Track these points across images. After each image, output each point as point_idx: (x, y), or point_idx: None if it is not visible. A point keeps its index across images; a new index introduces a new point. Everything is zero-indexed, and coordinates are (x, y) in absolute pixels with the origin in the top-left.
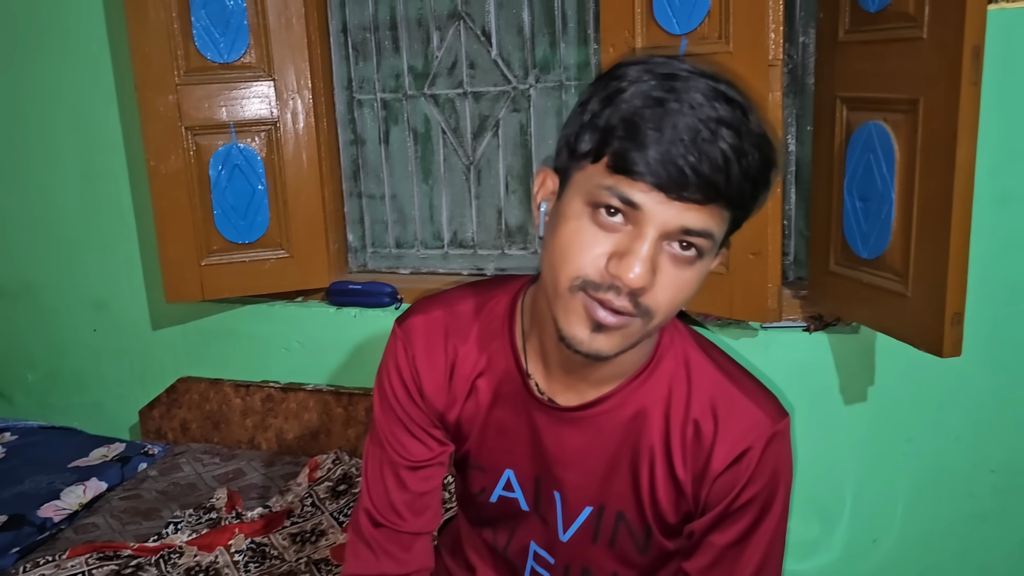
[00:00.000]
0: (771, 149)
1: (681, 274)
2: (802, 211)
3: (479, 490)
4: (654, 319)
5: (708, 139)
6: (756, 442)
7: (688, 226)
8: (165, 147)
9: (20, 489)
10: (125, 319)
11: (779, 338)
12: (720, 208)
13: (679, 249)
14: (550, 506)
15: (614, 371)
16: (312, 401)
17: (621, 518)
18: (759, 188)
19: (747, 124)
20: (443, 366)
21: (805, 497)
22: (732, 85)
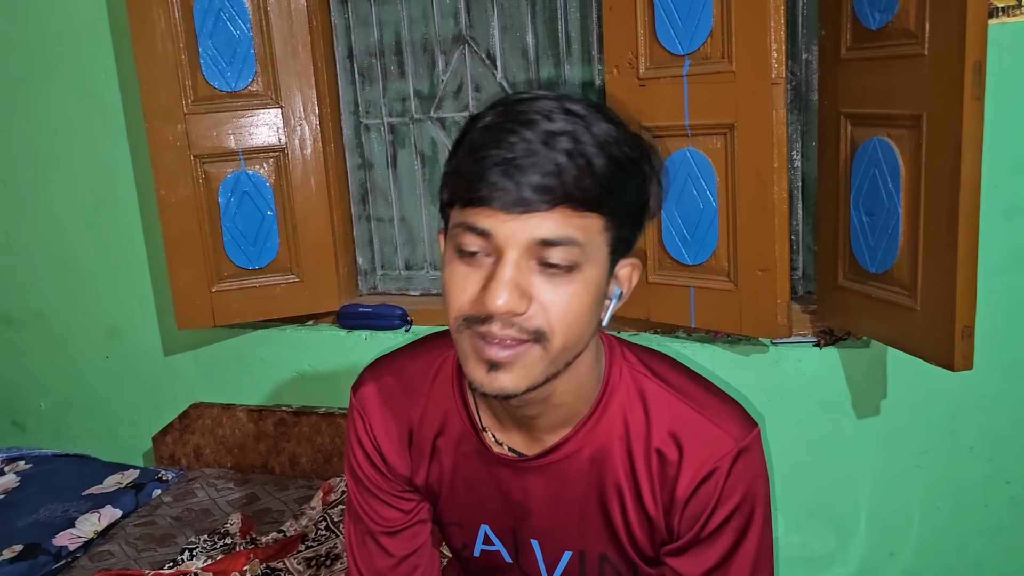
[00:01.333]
0: (621, 151)
1: (562, 289)
2: (809, 226)
3: (461, 546)
4: (551, 340)
5: (541, 151)
6: (721, 462)
7: (540, 236)
8: (174, 176)
9: (35, 518)
10: (137, 346)
11: (789, 354)
12: (574, 211)
13: (547, 264)
14: (530, 555)
15: (563, 414)
16: (324, 424)
17: (605, 560)
18: (615, 188)
19: (588, 130)
20: (400, 432)
21: (820, 512)
22: (581, 100)
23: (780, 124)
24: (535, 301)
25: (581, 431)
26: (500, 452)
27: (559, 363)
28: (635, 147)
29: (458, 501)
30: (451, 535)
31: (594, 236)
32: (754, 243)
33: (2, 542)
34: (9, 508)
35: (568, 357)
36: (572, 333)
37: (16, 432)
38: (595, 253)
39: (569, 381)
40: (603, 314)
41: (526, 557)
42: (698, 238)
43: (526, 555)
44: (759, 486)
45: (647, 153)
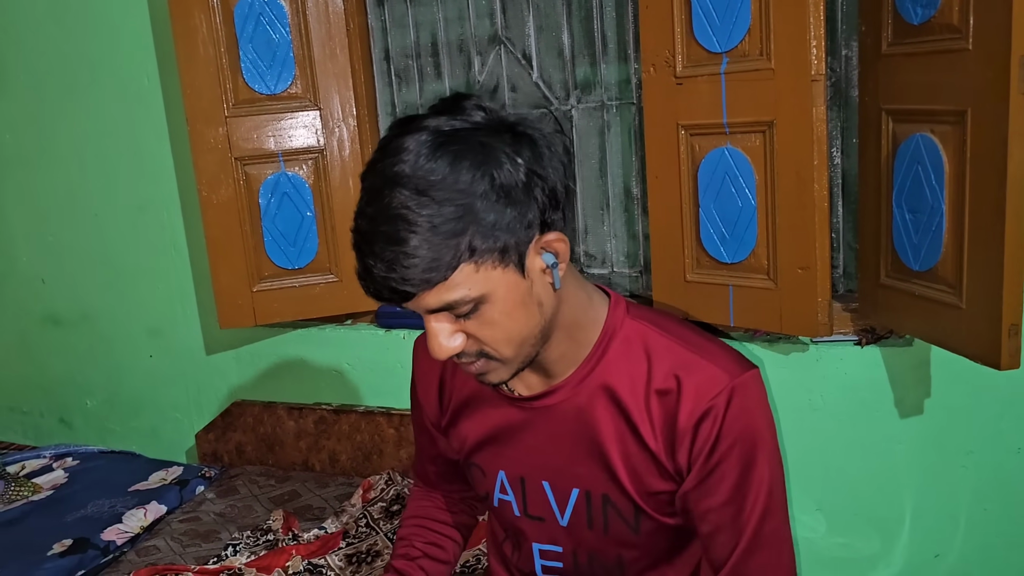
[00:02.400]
0: (452, 216)
1: (478, 321)
2: (850, 224)
3: (485, 494)
4: (498, 352)
5: (389, 265)
6: (719, 398)
7: (428, 307)
8: (216, 178)
9: (83, 513)
10: (180, 345)
11: (830, 352)
12: (436, 286)
13: (455, 314)
14: (541, 500)
15: (567, 359)
16: (364, 423)
17: (608, 502)
18: (455, 247)
19: (413, 226)
20: (432, 380)
21: (863, 512)
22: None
23: (820, 121)
24: (467, 336)
25: (578, 373)
26: (511, 395)
27: (523, 355)
28: (466, 179)
29: (479, 444)
30: (476, 481)
31: (472, 277)
32: (794, 241)
33: (52, 536)
34: (58, 503)
35: (529, 345)
36: (512, 341)
37: (63, 429)
38: (485, 284)
39: (562, 334)
40: (551, 281)
41: (535, 502)
42: (736, 236)
43: (536, 499)
44: (760, 422)
45: (481, 164)
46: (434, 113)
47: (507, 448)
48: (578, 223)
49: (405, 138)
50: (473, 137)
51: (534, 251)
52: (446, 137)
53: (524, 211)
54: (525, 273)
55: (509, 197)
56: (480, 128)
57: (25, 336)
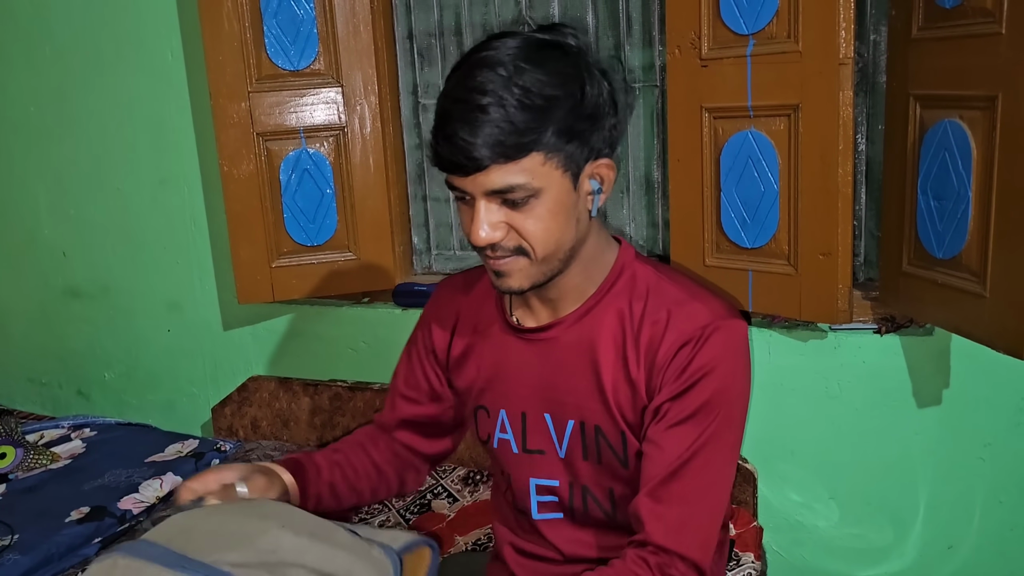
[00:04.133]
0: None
1: (527, 215)
2: (872, 211)
3: (486, 437)
4: (533, 252)
5: (474, 122)
6: (698, 332)
7: (489, 188)
8: (238, 153)
9: (101, 482)
10: (198, 320)
11: (849, 340)
12: (508, 162)
13: (507, 201)
14: (542, 432)
15: (577, 294)
16: (379, 400)
17: (599, 432)
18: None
19: (509, 88)
20: (448, 315)
21: (878, 502)
22: (519, 50)
23: (847, 105)
24: (509, 227)
25: (583, 307)
26: (518, 327)
27: (551, 263)
28: (559, 81)
29: (486, 382)
30: (480, 424)
31: (537, 168)
32: (816, 227)
33: (70, 503)
34: (76, 472)
35: (559, 256)
36: (549, 242)
37: (81, 401)
38: (546, 179)
39: (578, 267)
40: (589, 207)
41: (536, 436)
42: (758, 221)
43: (536, 434)
44: (732, 364)
45: (575, 77)
46: (533, 31)
47: (511, 384)
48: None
49: (502, 39)
50: (567, 50)
51: (589, 171)
52: (544, 44)
53: (594, 130)
54: (577, 187)
55: (590, 113)
56: (575, 49)
57: (46, 308)
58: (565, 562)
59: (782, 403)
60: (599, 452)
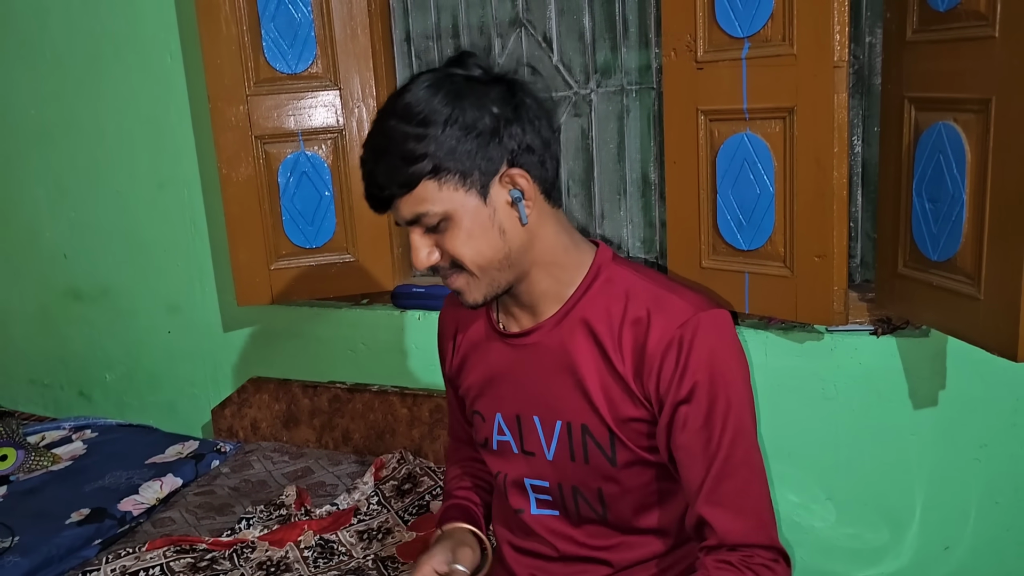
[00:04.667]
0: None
1: (449, 233)
2: (868, 213)
3: (484, 440)
4: (468, 267)
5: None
6: (684, 328)
7: (404, 219)
8: (236, 156)
9: (101, 484)
10: (197, 322)
11: (845, 342)
12: (406, 196)
13: (427, 227)
14: (533, 435)
15: (551, 298)
16: (377, 402)
17: (586, 432)
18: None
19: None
20: (449, 331)
21: (874, 503)
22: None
23: (842, 108)
24: (439, 249)
25: (562, 310)
26: (503, 333)
27: (491, 274)
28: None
29: (480, 388)
30: (478, 428)
31: (435, 194)
32: (812, 229)
33: (70, 505)
34: (77, 474)
35: (496, 267)
36: (476, 256)
37: (83, 402)
38: (449, 202)
39: (541, 271)
40: (517, 214)
41: (529, 438)
42: (754, 223)
43: (529, 436)
44: (726, 354)
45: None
46: (446, 64)
47: (502, 388)
48: (595, 208)
49: (416, 79)
50: (459, 82)
51: (499, 183)
52: (440, 79)
53: (485, 145)
54: (487, 200)
55: (470, 131)
56: (471, 78)
57: (47, 310)
58: (561, 559)
59: (779, 404)
60: (586, 452)
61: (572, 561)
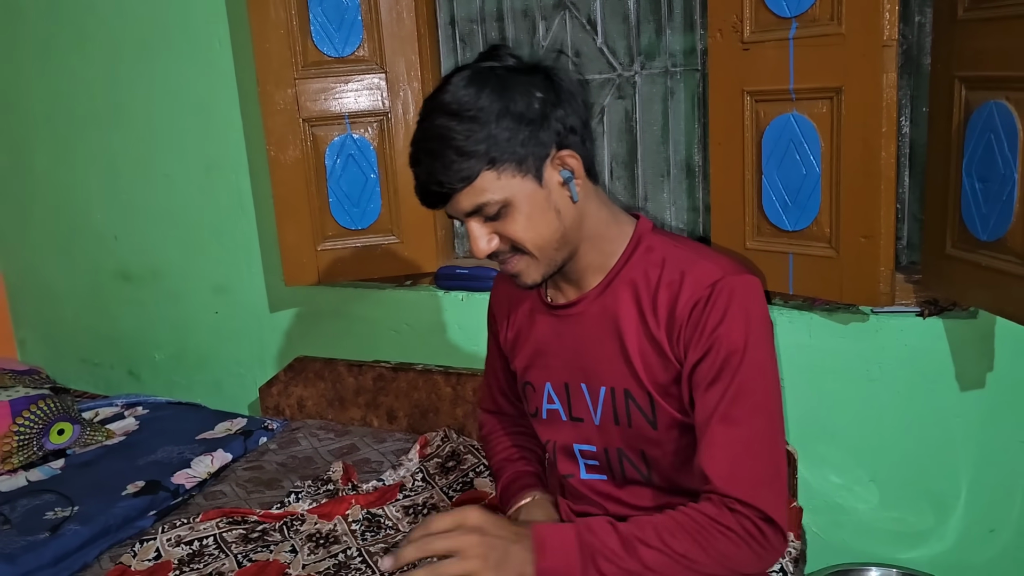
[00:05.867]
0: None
1: (506, 222)
2: (915, 194)
3: (535, 410)
4: (527, 249)
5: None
6: (712, 288)
7: (463, 211)
8: (284, 138)
9: (154, 458)
10: (244, 302)
11: (891, 323)
12: (465, 189)
13: (487, 216)
14: (580, 402)
15: (596, 270)
16: (421, 381)
17: (629, 396)
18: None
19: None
20: (501, 303)
21: (918, 486)
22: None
23: (890, 88)
24: (500, 235)
25: (604, 280)
26: (551, 305)
27: (549, 252)
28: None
29: (531, 360)
30: (529, 399)
31: (494, 183)
32: (858, 210)
33: (126, 477)
34: (130, 448)
35: (553, 246)
36: (536, 238)
37: (132, 381)
38: (507, 189)
39: (588, 245)
40: (569, 193)
41: (577, 405)
42: (799, 204)
43: (577, 403)
44: (746, 315)
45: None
46: (478, 59)
47: (551, 359)
48: (638, 190)
49: (451, 77)
50: (500, 74)
51: (551, 166)
52: (480, 74)
53: (536, 132)
54: (543, 183)
55: (522, 120)
56: (510, 69)
57: (98, 291)
58: None
59: (823, 385)
60: (629, 416)
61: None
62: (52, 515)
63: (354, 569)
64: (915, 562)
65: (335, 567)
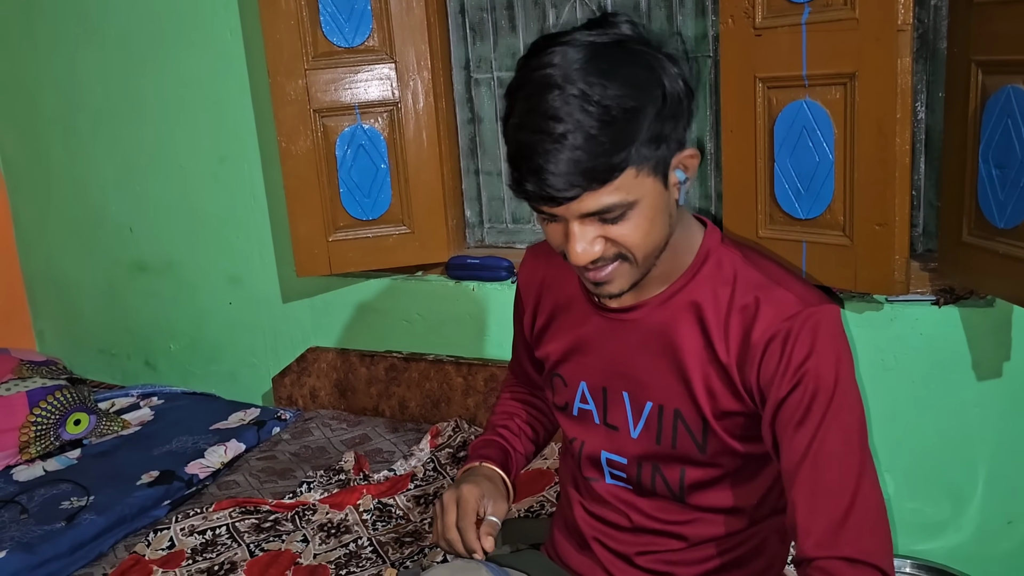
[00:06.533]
0: (622, 114)
1: (627, 222)
2: (931, 180)
3: (563, 404)
4: (634, 257)
5: (558, 154)
6: (792, 321)
7: (584, 212)
8: (295, 129)
9: (168, 448)
10: (257, 293)
11: (906, 312)
12: (599, 188)
13: (603, 218)
14: (619, 410)
15: (654, 280)
16: (433, 371)
17: (678, 416)
18: (624, 148)
19: (587, 111)
20: (531, 287)
21: (935, 476)
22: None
23: (905, 73)
24: (607, 239)
25: (668, 290)
26: (601, 307)
27: (650, 261)
28: (636, 91)
29: (565, 354)
30: (558, 391)
31: (630, 183)
32: (872, 197)
33: (141, 467)
34: (145, 439)
35: (656, 254)
36: (648, 244)
37: (148, 371)
38: (640, 190)
39: (666, 253)
40: (677, 196)
41: (615, 412)
42: (812, 191)
43: (615, 410)
44: (833, 353)
45: (652, 81)
46: (583, 28)
47: (590, 358)
48: None
49: (559, 48)
50: (632, 48)
51: (674, 165)
52: (606, 48)
53: (679, 124)
54: (667, 185)
55: (674, 108)
56: (634, 40)
57: (114, 282)
58: (632, 530)
59: None
60: (675, 437)
61: (644, 533)
62: (68, 505)
63: (364, 559)
64: (932, 553)
65: (346, 557)
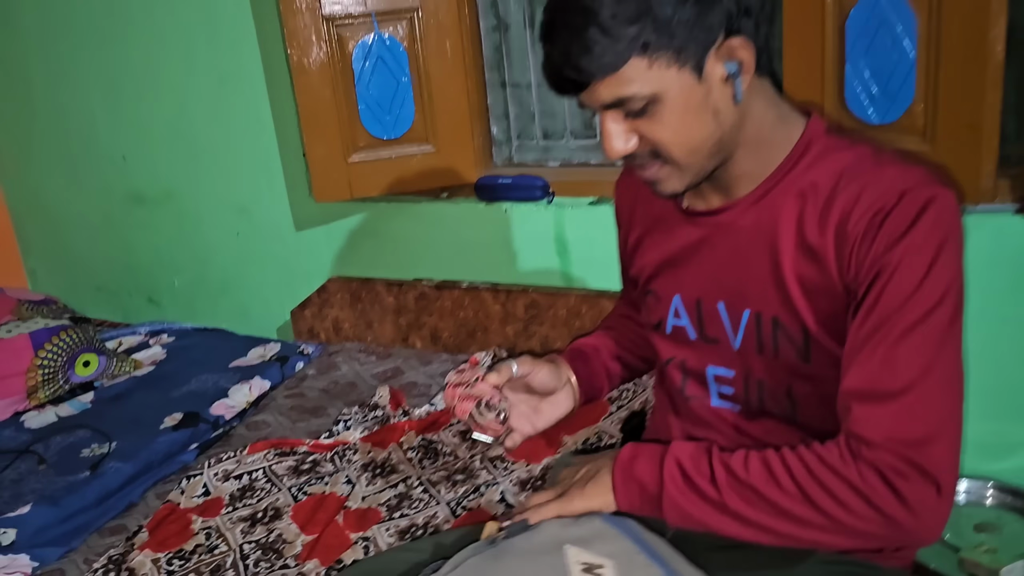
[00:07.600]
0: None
1: (655, 117)
2: (1012, 83)
3: (657, 322)
4: (671, 154)
5: (568, 46)
6: (893, 200)
7: (603, 101)
8: (307, 41)
9: (188, 388)
10: (268, 222)
11: (986, 222)
12: (611, 76)
13: (628, 111)
14: (716, 322)
15: (750, 177)
16: (467, 299)
17: (777, 325)
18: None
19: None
20: (626, 200)
21: (1011, 394)
22: None
23: None
24: (639, 135)
25: (760, 188)
26: (689, 212)
27: (697, 161)
28: None
29: (658, 268)
30: (651, 308)
31: (644, 74)
32: (960, 97)
33: (161, 410)
34: (162, 379)
35: (704, 154)
36: (683, 144)
37: (152, 308)
38: (659, 82)
39: (745, 152)
40: (733, 92)
41: (712, 324)
42: (889, 93)
43: (711, 322)
44: (933, 235)
45: None
46: None
47: (683, 270)
48: None
49: None
50: None
51: (715, 56)
52: None
53: (705, 11)
54: (703, 77)
55: None
56: None
57: (109, 215)
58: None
59: None
60: (776, 345)
61: None
62: (89, 452)
63: (416, 499)
64: (1004, 473)
65: (396, 498)
